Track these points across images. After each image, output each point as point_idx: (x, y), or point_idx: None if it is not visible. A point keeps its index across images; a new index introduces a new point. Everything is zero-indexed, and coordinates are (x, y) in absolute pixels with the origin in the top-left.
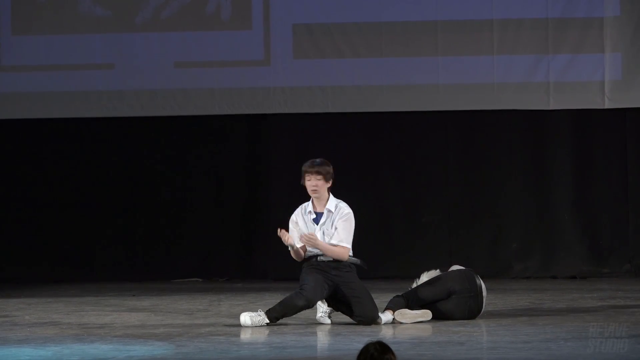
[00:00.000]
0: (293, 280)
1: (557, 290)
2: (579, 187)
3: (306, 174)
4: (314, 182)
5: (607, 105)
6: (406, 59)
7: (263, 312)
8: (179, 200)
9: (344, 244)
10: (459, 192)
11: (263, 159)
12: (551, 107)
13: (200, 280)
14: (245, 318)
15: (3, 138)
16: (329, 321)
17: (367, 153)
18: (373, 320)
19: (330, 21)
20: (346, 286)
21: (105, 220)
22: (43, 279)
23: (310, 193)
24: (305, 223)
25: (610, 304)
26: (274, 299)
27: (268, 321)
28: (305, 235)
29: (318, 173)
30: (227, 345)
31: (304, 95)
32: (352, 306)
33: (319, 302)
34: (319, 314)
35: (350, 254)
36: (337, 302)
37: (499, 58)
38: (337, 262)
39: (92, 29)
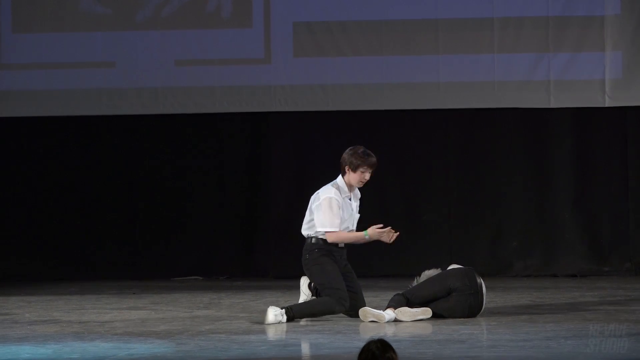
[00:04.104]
0: (294, 278)
1: (557, 289)
2: (579, 186)
3: (366, 169)
4: (367, 177)
5: (608, 103)
6: (407, 57)
7: (284, 312)
8: (179, 198)
9: None
10: (459, 190)
11: (263, 156)
12: (552, 106)
13: (201, 278)
14: (269, 315)
15: (3, 136)
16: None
17: None
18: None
19: (331, 19)
20: (346, 276)
21: (106, 218)
22: (43, 277)
23: (357, 185)
24: (344, 206)
25: (610, 302)
26: (274, 297)
27: (286, 319)
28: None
29: (373, 169)
30: (227, 343)
31: (304, 94)
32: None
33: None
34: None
35: None
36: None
37: (500, 56)
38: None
39: (92, 27)
